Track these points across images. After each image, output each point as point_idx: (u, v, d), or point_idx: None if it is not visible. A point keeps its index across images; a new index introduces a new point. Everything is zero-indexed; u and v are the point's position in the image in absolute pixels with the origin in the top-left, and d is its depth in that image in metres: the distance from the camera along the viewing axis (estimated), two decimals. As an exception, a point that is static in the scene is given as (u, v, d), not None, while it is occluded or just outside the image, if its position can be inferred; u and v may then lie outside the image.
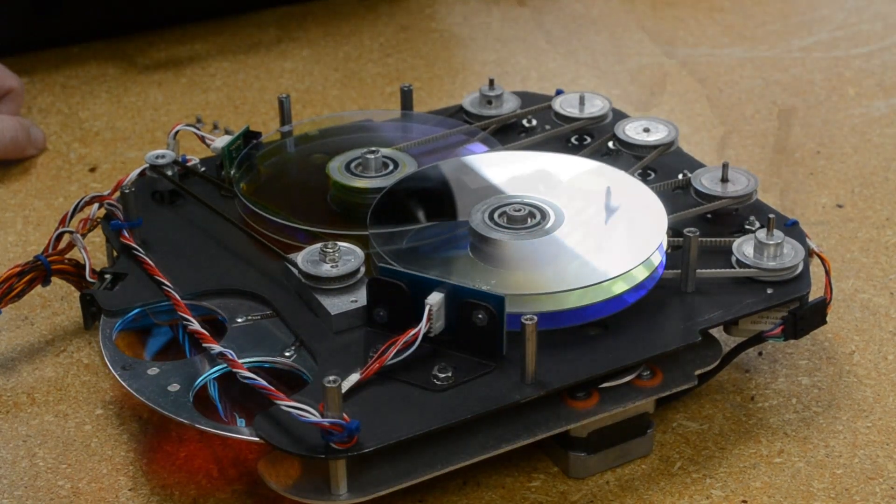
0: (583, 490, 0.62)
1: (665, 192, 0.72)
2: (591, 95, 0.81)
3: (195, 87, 1.01)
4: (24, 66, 1.03)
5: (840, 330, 0.73)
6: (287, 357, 0.62)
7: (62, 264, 0.70)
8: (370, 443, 0.56)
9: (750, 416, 0.67)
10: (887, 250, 0.80)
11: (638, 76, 1.03)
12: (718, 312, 0.64)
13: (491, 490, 0.62)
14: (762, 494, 0.62)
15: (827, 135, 0.94)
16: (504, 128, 0.81)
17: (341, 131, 0.80)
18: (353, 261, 0.65)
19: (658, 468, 0.63)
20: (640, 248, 0.64)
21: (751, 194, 0.71)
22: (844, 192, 0.86)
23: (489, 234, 0.66)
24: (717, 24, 1.13)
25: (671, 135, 0.76)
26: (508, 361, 0.60)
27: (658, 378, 0.62)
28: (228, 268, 0.68)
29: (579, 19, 1.14)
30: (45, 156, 0.91)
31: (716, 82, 1.02)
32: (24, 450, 0.64)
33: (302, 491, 0.57)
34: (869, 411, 0.67)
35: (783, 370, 0.70)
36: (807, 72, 1.03)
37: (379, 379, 0.59)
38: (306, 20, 1.13)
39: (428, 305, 0.60)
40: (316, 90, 1.01)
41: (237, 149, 0.75)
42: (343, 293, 0.64)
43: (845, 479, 0.63)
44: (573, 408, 0.61)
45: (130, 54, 1.06)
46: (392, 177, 0.72)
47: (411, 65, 1.05)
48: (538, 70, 1.04)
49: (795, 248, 0.67)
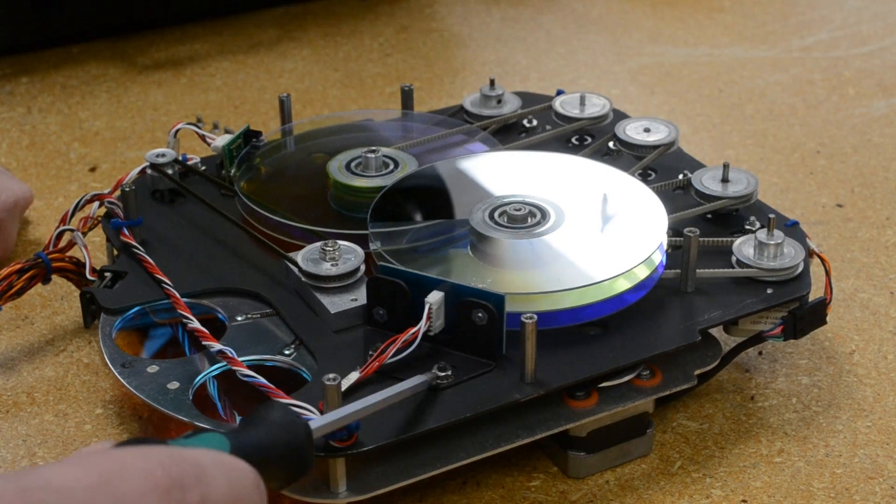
0: (582, 490, 0.62)
1: (665, 192, 0.72)
2: (591, 95, 0.81)
3: (195, 87, 1.01)
4: (24, 66, 1.03)
5: (840, 330, 0.73)
6: (287, 355, 0.62)
7: (62, 262, 0.70)
8: (369, 441, 0.56)
9: (750, 415, 0.67)
10: (887, 250, 0.80)
11: (638, 76, 1.03)
12: (718, 312, 0.64)
13: (491, 490, 0.62)
14: (762, 494, 0.62)
15: (827, 135, 0.94)
16: (504, 128, 0.81)
17: (341, 131, 0.80)
18: (353, 259, 0.65)
19: (658, 468, 0.63)
20: (639, 248, 0.64)
21: (751, 194, 0.71)
22: (844, 191, 0.86)
23: (489, 233, 0.66)
24: (717, 24, 1.13)
25: (671, 135, 0.76)
26: (508, 361, 0.60)
27: (658, 378, 0.62)
28: (228, 266, 0.68)
29: (579, 19, 1.14)
30: (45, 156, 0.91)
31: (716, 82, 1.02)
32: (24, 449, 0.64)
33: (301, 489, 0.57)
34: (869, 411, 0.67)
35: (783, 370, 0.70)
36: (807, 72, 1.03)
37: (378, 378, 0.59)
38: (306, 20, 1.13)
39: (428, 304, 0.60)
40: (316, 90, 1.01)
41: (237, 148, 0.76)
42: (343, 292, 0.64)
43: (845, 478, 0.63)
44: (573, 407, 0.61)
45: (130, 54, 1.06)
46: (392, 176, 0.72)
47: (411, 65, 1.05)
48: (538, 70, 1.04)
49: (795, 248, 0.67)
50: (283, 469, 0.49)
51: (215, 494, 0.41)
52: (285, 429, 0.49)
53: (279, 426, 0.49)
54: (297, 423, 0.50)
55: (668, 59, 1.06)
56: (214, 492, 0.41)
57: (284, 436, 0.49)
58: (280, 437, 0.49)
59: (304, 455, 0.50)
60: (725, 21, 1.13)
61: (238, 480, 0.42)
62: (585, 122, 0.80)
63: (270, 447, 0.48)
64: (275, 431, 0.49)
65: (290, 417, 0.50)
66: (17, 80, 1.01)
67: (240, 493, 0.42)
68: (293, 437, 0.49)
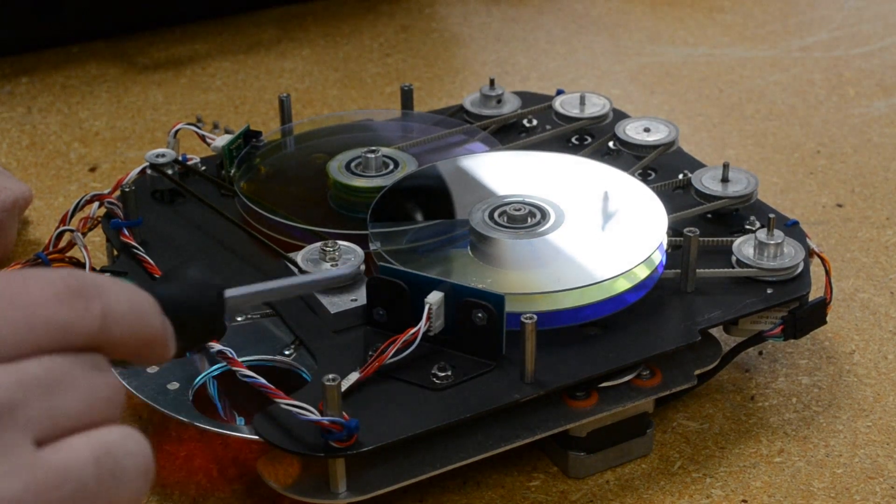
0: (582, 490, 0.62)
1: (665, 192, 0.72)
2: (591, 95, 0.81)
3: (195, 87, 1.01)
4: (24, 66, 1.03)
5: (840, 330, 0.73)
6: (287, 356, 0.62)
7: (62, 262, 0.70)
8: (369, 442, 0.56)
9: (750, 415, 0.67)
10: (887, 250, 0.80)
11: (638, 76, 1.03)
12: (718, 312, 0.64)
13: (491, 490, 0.62)
14: (762, 494, 0.62)
15: (827, 135, 0.94)
16: (504, 128, 0.81)
17: (341, 131, 0.80)
18: (352, 260, 0.65)
19: (658, 468, 0.63)
20: (639, 248, 0.64)
21: (751, 194, 0.71)
22: (844, 191, 0.86)
23: (489, 233, 0.66)
24: (717, 24, 1.13)
25: (671, 135, 0.76)
26: (508, 361, 0.60)
27: (657, 378, 0.62)
28: (228, 267, 0.68)
29: (579, 19, 1.14)
30: (45, 156, 0.91)
31: (716, 82, 1.02)
32: (23, 449, 0.64)
33: (301, 490, 0.57)
34: (869, 411, 0.67)
35: (783, 370, 0.70)
36: (807, 72, 1.03)
37: (378, 378, 0.59)
38: (306, 20, 1.13)
39: (427, 304, 0.60)
40: (316, 90, 1.01)
41: (237, 148, 0.76)
42: (343, 292, 0.64)
43: (845, 478, 0.63)
44: (572, 407, 0.61)
45: (130, 54, 1.06)
46: (392, 176, 0.72)
47: (411, 65, 1.05)
48: (538, 70, 1.04)
49: (795, 248, 0.67)
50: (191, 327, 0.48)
51: (118, 308, 0.41)
52: (197, 288, 0.49)
53: (192, 285, 0.49)
54: (210, 286, 0.49)
55: (668, 59, 1.06)
56: (117, 306, 0.41)
57: (196, 294, 0.48)
58: (191, 294, 0.48)
59: (214, 317, 0.49)
60: (725, 21, 1.13)
61: (139, 303, 0.42)
62: (585, 121, 0.80)
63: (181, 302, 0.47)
64: (186, 289, 0.48)
65: (203, 278, 0.49)
66: (17, 80, 1.01)
67: (141, 310, 0.42)
68: (204, 297, 0.49)
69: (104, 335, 0.40)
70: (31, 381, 0.38)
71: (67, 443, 0.39)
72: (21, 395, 0.38)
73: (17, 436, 0.38)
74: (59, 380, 0.39)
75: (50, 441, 0.39)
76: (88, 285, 0.41)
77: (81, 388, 0.40)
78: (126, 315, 0.41)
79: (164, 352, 0.44)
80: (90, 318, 0.40)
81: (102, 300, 0.41)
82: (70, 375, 0.39)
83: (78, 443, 0.39)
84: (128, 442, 0.40)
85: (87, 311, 0.40)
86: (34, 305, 0.39)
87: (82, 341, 0.40)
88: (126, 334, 0.41)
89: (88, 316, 0.40)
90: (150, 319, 0.43)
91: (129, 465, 0.40)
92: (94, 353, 0.41)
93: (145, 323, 0.42)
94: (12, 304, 0.39)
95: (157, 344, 0.43)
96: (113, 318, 0.41)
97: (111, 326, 0.41)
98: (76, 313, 0.40)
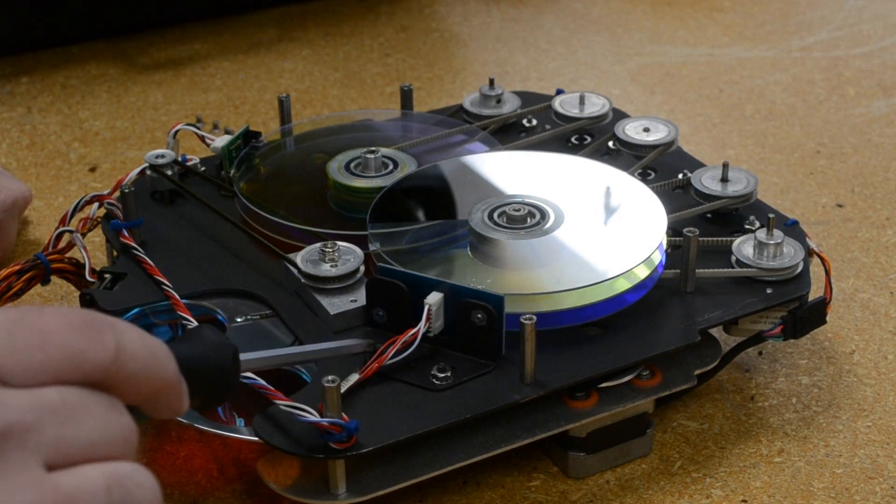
0: (583, 490, 0.62)
1: (665, 192, 0.72)
2: (590, 95, 0.81)
3: (195, 87, 1.01)
4: (24, 66, 1.03)
5: (840, 330, 0.73)
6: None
7: (62, 263, 0.70)
8: (369, 443, 0.56)
9: (750, 415, 0.67)
10: (887, 250, 0.80)
11: (638, 76, 1.03)
12: (718, 312, 0.64)
13: (491, 490, 0.62)
14: (762, 494, 0.62)
15: (827, 135, 0.94)
16: (504, 128, 0.81)
17: (341, 131, 0.80)
18: (352, 260, 0.65)
19: (658, 468, 0.63)
20: (639, 248, 0.64)
21: (751, 194, 0.71)
22: (844, 191, 0.86)
23: (489, 233, 0.66)
24: (717, 24, 1.13)
25: (671, 135, 0.76)
26: (507, 361, 0.60)
27: (657, 378, 0.62)
28: (228, 268, 0.68)
29: (579, 19, 1.14)
30: (45, 156, 0.91)
31: (716, 82, 1.02)
32: (23, 449, 0.64)
33: (301, 491, 0.57)
34: (869, 411, 0.67)
35: (783, 370, 0.70)
36: (807, 72, 1.03)
37: (378, 379, 0.59)
38: (306, 20, 1.13)
39: (427, 305, 0.59)
40: (316, 90, 1.01)
41: (237, 148, 0.75)
42: (342, 293, 0.64)
43: (845, 478, 0.62)
44: (572, 408, 0.61)
45: (130, 54, 1.06)
46: (392, 176, 0.72)
47: (411, 65, 1.05)
48: (538, 70, 1.04)
49: (795, 248, 0.67)
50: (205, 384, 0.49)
51: (131, 345, 0.42)
52: (213, 347, 0.49)
53: (208, 344, 0.49)
54: (226, 345, 0.50)
55: (668, 59, 1.06)
56: (130, 343, 0.42)
57: (211, 353, 0.49)
58: (207, 353, 0.49)
59: (227, 376, 0.50)
60: (725, 21, 1.13)
61: (153, 345, 0.43)
62: (585, 121, 0.80)
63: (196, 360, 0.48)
64: (202, 347, 0.49)
65: (219, 338, 0.50)
66: (17, 80, 1.01)
67: (155, 352, 0.43)
68: (220, 356, 0.49)
69: (117, 369, 0.41)
70: (45, 406, 0.39)
71: (80, 470, 0.40)
72: (34, 419, 0.39)
73: (27, 457, 0.39)
74: (75, 409, 0.40)
75: (61, 467, 0.40)
76: (102, 320, 0.42)
77: (97, 421, 0.41)
78: (139, 353, 0.42)
79: (178, 402, 0.45)
80: (103, 349, 0.41)
81: (116, 334, 0.41)
82: (86, 407, 0.40)
83: (90, 471, 0.40)
84: (139, 475, 0.41)
85: (100, 341, 0.41)
86: (49, 332, 0.40)
87: (97, 373, 0.41)
88: (140, 373, 0.42)
89: (101, 347, 0.41)
90: (164, 363, 0.43)
91: (139, 498, 0.41)
92: (110, 394, 0.41)
93: (159, 365, 0.43)
94: (28, 330, 0.40)
95: (172, 391, 0.44)
96: (127, 353, 0.42)
97: (125, 361, 0.41)
98: (89, 342, 0.41)
